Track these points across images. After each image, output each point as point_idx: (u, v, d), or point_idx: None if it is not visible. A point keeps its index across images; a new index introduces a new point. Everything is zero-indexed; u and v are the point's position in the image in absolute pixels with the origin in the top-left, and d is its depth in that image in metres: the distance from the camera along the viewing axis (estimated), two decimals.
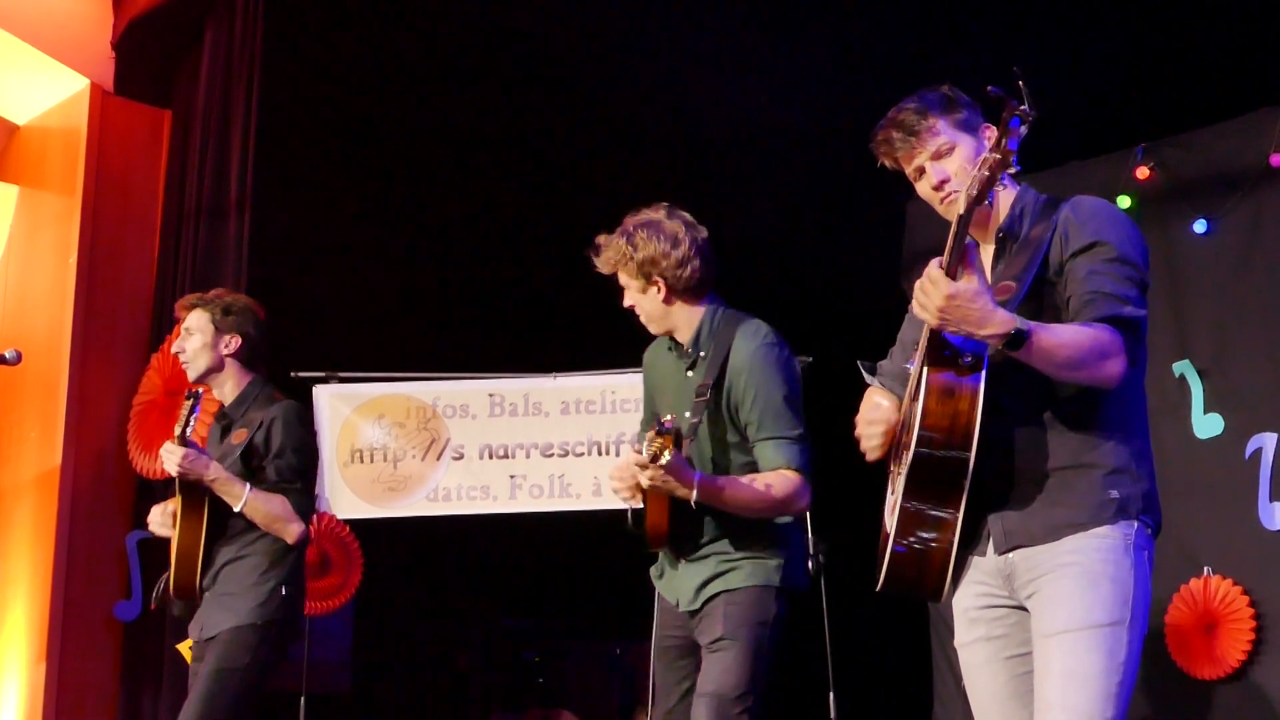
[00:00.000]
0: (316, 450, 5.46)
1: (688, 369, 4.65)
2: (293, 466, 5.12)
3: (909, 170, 3.53)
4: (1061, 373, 3.22)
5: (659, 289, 4.69)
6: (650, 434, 4.21)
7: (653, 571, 4.84)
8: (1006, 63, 3.15)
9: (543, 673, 8.78)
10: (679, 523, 4.50)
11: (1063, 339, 3.18)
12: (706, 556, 4.54)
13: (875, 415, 3.51)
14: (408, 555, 7.69)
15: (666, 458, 4.18)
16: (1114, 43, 6.39)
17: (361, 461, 7.27)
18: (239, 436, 5.13)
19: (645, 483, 4.30)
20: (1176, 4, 6.10)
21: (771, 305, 5.31)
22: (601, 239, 4.70)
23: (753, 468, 4.46)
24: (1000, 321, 3.10)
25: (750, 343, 4.50)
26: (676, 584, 4.65)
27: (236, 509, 5.00)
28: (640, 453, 4.24)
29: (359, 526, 7.18)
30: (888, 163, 3.57)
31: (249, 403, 5.23)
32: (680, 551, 4.60)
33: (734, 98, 7.04)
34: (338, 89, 7.40)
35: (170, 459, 4.92)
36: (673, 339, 4.74)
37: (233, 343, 5.23)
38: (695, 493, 4.30)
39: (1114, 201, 6.38)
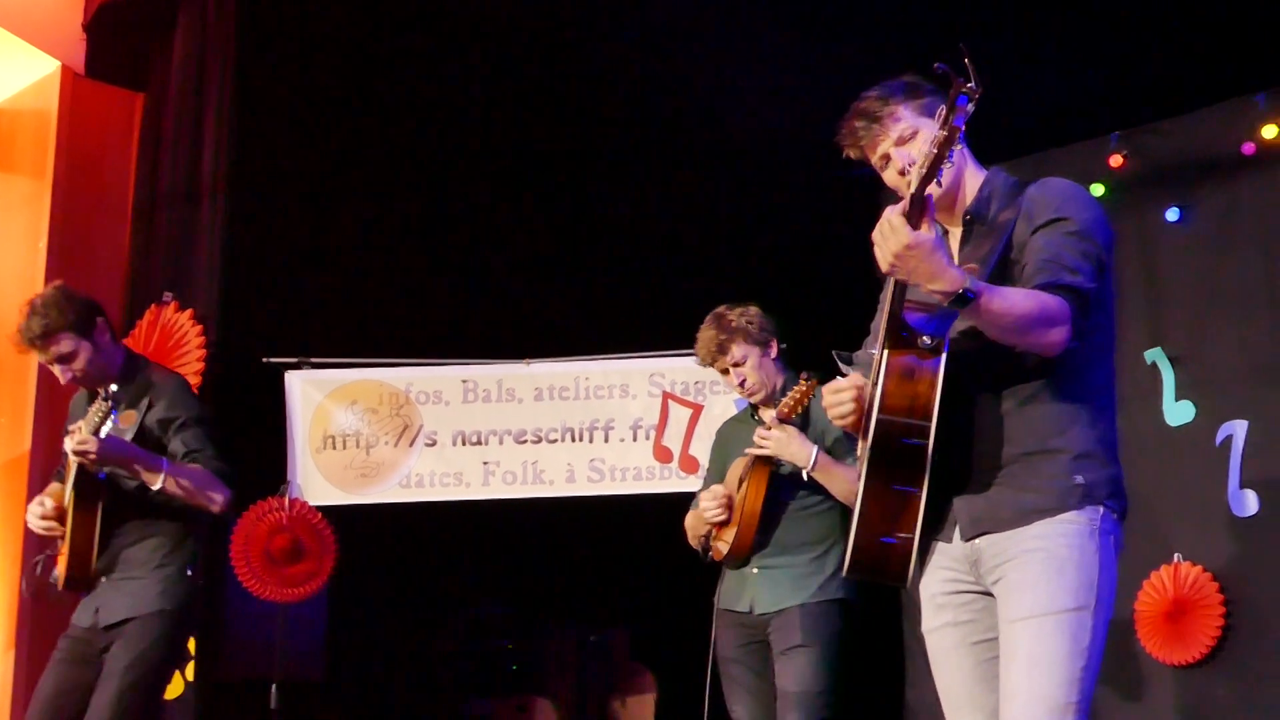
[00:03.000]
0: (215, 416, 5.30)
1: None
2: (198, 435, 4.97)
3: (874, 159, 3.53)
4: (1006, 336, 3.22)
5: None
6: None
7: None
8: (981, 51, 3.14)
9: (517, 660, 8.77)
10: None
11: (1010, 302, 3.18)
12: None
13: (838, 384, 3.49)
14: (381, 542, 7.67)
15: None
16: (1089, 30, 6.39)
17: (334, 448, 7.25)
18: (128, 419, 4.95)
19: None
20: None
21: (749, 295, 5.33)
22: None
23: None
24: (951, 279, 3.10)
25: None
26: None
27: (155, 487, 4.85)
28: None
29: (332, 513, 7.15)
30: (853, 153, 3.58)
31: (129, 380, 5.02)
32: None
33: (709, 85, 7.03)
34: (313, 72, 7.37)
35: (84, 447, 4.72)
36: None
37: (102, 334, 5.06)
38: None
39: (1088, 189, 6.43)
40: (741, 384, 5.19)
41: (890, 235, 3.10)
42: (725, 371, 5.22)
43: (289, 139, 7.40)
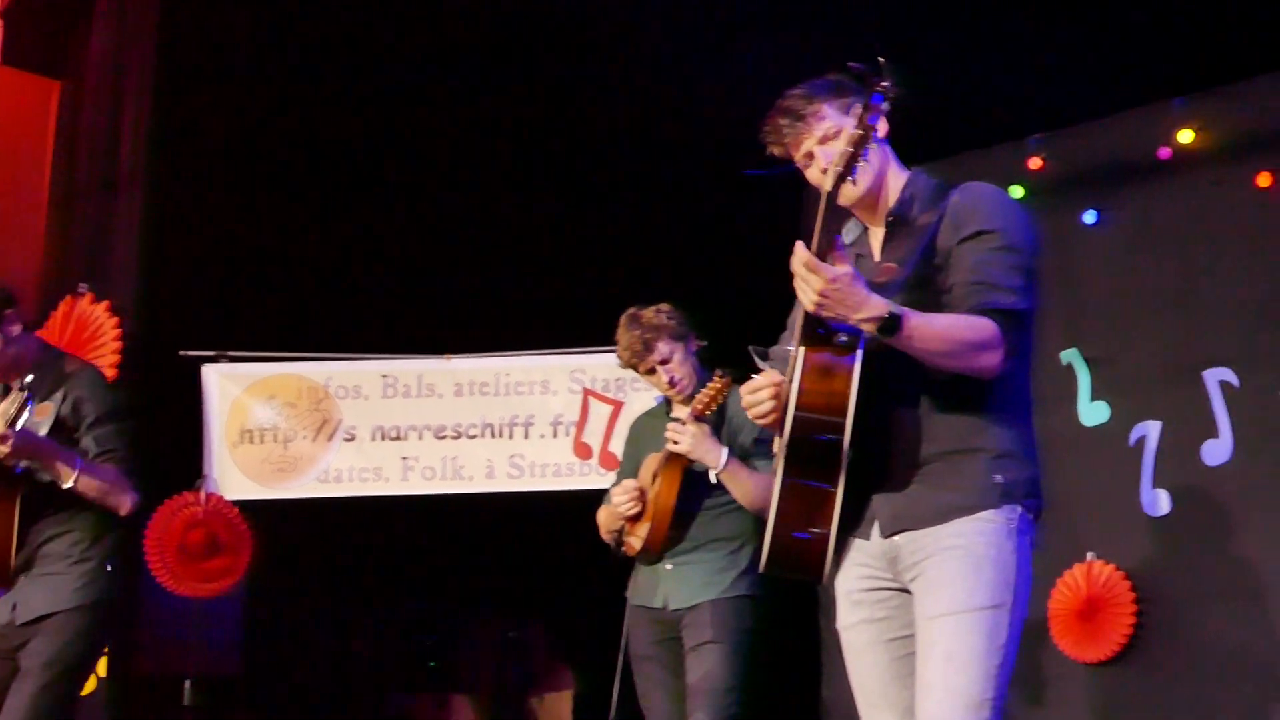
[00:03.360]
0: (131, 408, 5.17)
1: None
2: (111, 433, 4.85)
3: (798, 157, 3.54)
4: (936, 360, 3.25)
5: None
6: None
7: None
8: (904, 52, 3.17)
9: (436, 655, 8.75)
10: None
11: (937, 328, 3.22)
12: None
13: (757, 383, 3.48)
14: (299, 537, 7.62)
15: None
16: (1008, 33, 6.43)
17: (251, 442, 7.20)
18: (43, 411, 4.81)
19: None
20: None
21: (667, 291, 5.33)
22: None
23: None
24: (874, 306, 3.13)
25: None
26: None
27: (66, 485, 4.72)
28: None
29: (249, 508, 7.10)
30: (777, 151, 3.58)
31: (42, 372, 4.84)
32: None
33: (626, 83, 7.02)
34: (234, 63, 7.30)
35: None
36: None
37: (12, 324, 4.90)
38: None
39: (1007, 190, 6.48)
40: (670, 382, 5.15)
41: (809, 276, 3.13)
42: (651, 371, 5.18)
43: (209, 130, 7.33)
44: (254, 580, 7.20)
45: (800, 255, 3.14)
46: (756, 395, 3.47)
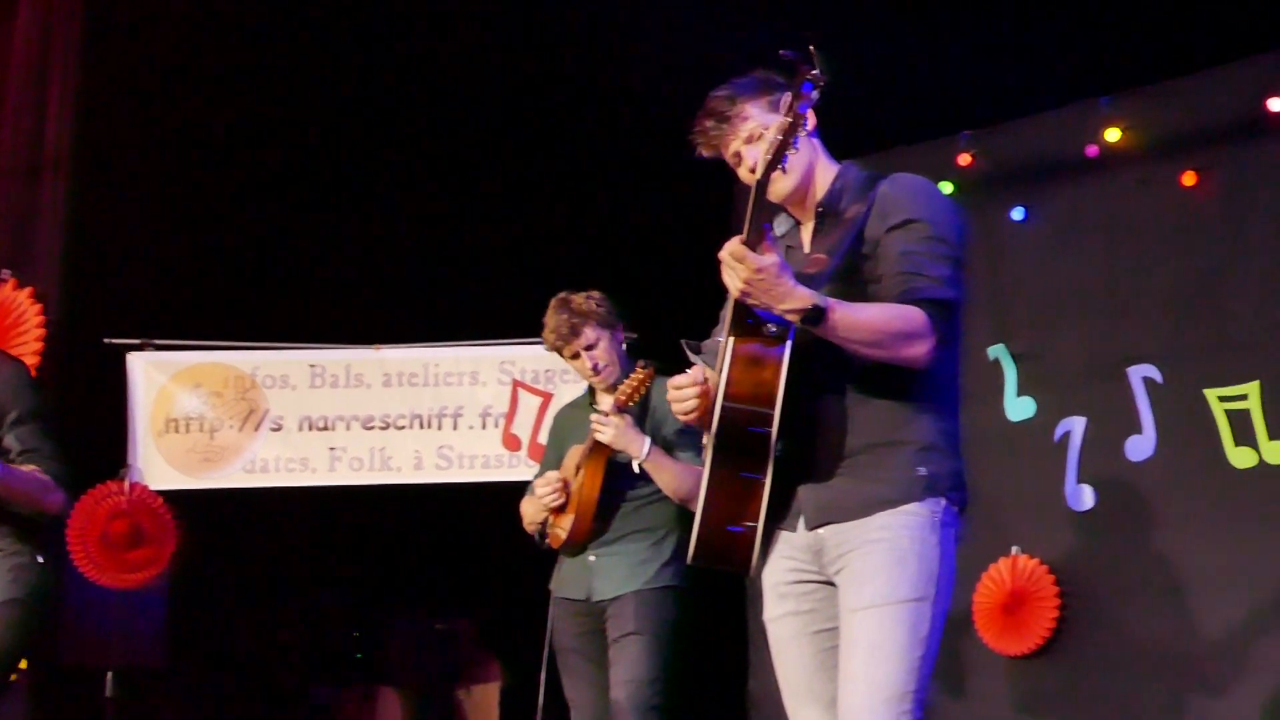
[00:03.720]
0: (55, 407, 5.07)
1: None
2: (35, 431, 4.68)
3: (727, 157, 3.55)
4: (864, 350, 3.26)
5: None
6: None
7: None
8: (833, 47, 3.17)
9: (363, 648, 8.71)
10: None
11: (864, 318, 3.23)
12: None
13: (681, 380, 3.49)
14: (224, 527, 7.57)
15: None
16: (939, 29, 6.47)
17: (177, 431, 7.14)
18: None
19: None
20: None
21: (598, 283, 5.33)
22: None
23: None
24: (800, 297, 3.14)
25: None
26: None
27: None
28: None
29: (174, 498, 7.04)
30: (707, 152, 3.59)
31: None
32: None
33: (556, 72, 7.01)
34: (160, 46, 7.23)
35: None
36: None
37: None
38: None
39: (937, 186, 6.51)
40: (594, 368, 5.15)
41: (736, 265, 3.14)
42: (575, 356, 5.18)
43: (135, 114, 7.26)
44: (178, 571, 7.14)
45: (729, 245, 3.15)
46: (682, 392, 3.47)
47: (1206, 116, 6.18)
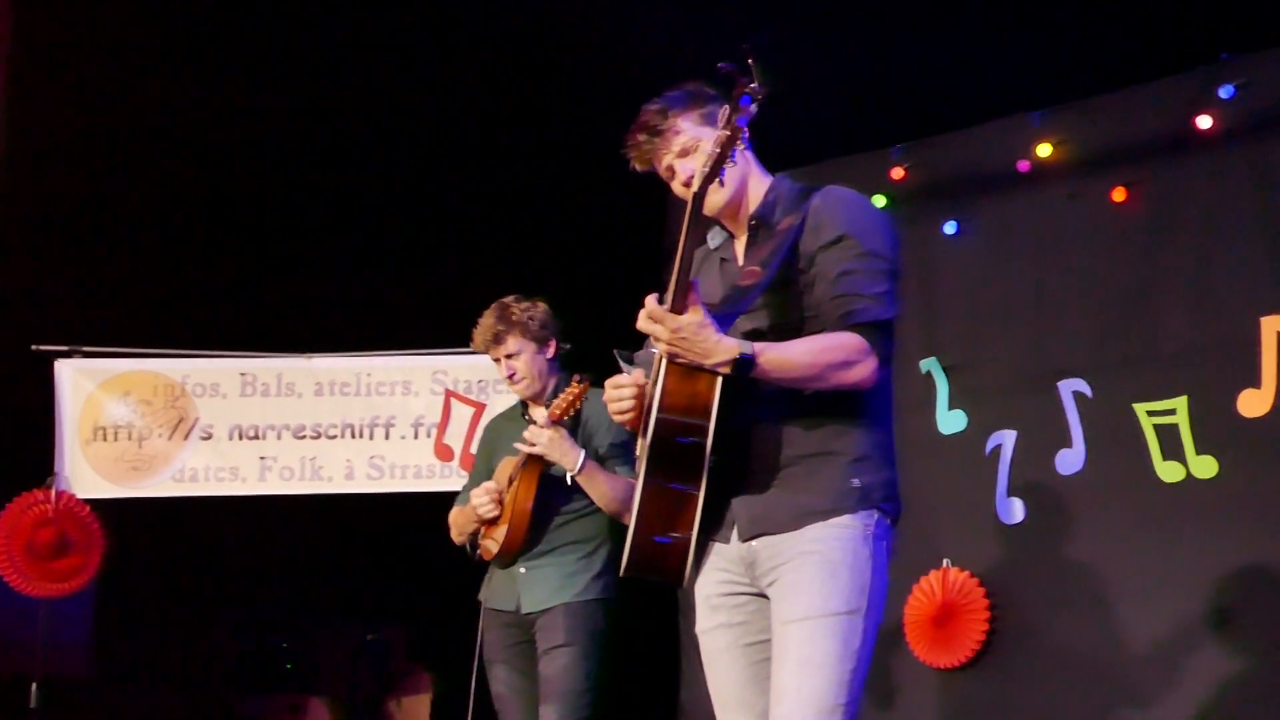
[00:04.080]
0: None
1: None
2: None
3: (660, 170, 3.55)
4: (801, 385, 3.29)
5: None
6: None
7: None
8: (766, 59, 3.17)
9: (291, 658, 8.66)
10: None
11: (794, 357, 3.25)
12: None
13: (619, 380, 3.49)
14: (153, 537, 7.50)
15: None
16: (872, 42, 6.50)
17: (105, 440, 7.08)
18: None
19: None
20: (936, 6, 6.23)
21: (530, 293, 5.32)
22: None
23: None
24: (725, 350, 3.17)
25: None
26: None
27: None
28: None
29: (101, 507, 6.98)
30: (639, 166, 3.59)
31: None
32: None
33: (492, 78, 6.99)
34: (91, 49, 7.15)
35: None
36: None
37: None
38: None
39: (870, 199, 6.54)
40: (510, 376, 5.19)
41: (656, 326, 3.16)
42: (497, 360, 5.22)
43: (64, 118, 7.19)
44: (105, 580, 7.07)
45: (647, 306, 3.18)
46: (618, 392, 3.47)
47: (1136, 132, 6.24)
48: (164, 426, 7.11)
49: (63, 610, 7.07)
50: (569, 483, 5.04)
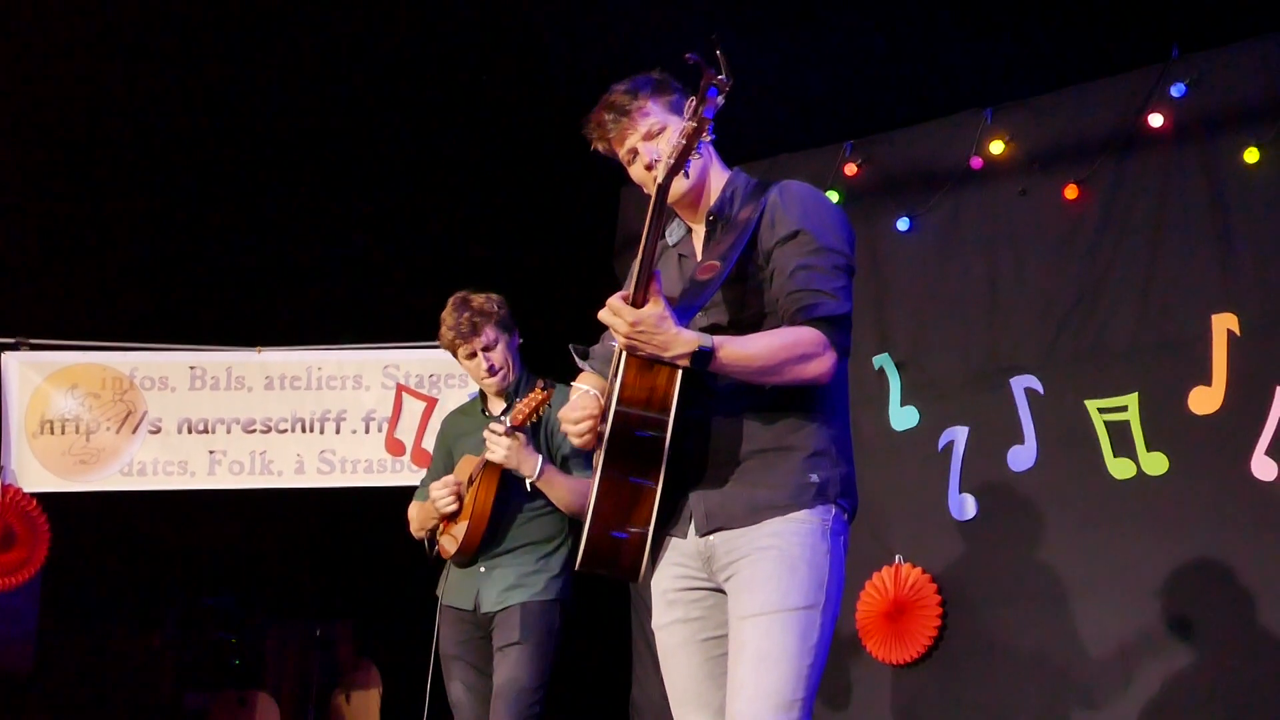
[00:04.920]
0: None
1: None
2: None
3: (622, 153, 3.54)
4: (760, 379, 3.28)
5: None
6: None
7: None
8: (701, 50, 3.16)
9: (239, 653, 8.61)
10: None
11: (753, 350, 3.25)
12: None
13: (578, 407, 3.49)
14: (100, 530, 7.44)
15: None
16: (826, 38, 6.49)
17: (52, 433, 7.01)
18: None
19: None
20: (889, 2, 6.23)
21: (484, 287, 5.29)
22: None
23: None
24: (684, 342, 3.17)
25: None
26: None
27: None
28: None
29: (48, 500, 6.92)
30: (600, 146, 3.59)
31: None
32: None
33: (447, 77, 6.95)
34: (36, 42, 7.08)
35: None
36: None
37: None
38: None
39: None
40: (490, 369, 5.14)
41: (615, 319, 3.15)
42: (472, 356, 5.16)
43: (10, 111, 7.11)
44: (51, 574, 7.01)
45: (609, 301, 3.18)
46: (578, 427, 3.48)
47: (1087, 130, 6.27)
48: (112, 420, 7.05)
49: (7, 605, 7.01)
50: (528, 489, 5.05)
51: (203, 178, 7.50)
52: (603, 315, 3.19)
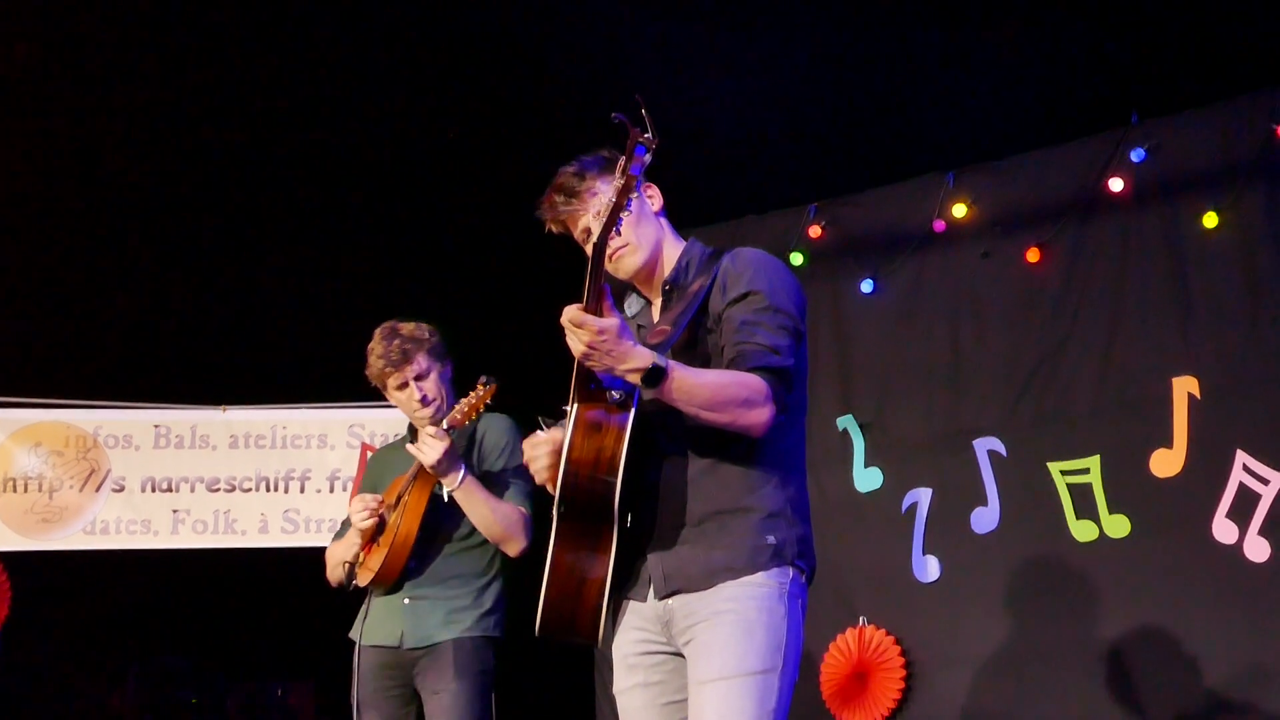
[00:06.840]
0: None
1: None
2: None
3: (576, 233, 3.57)
4: (704, 415, 3.26)
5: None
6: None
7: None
8: (686, 116, 3.19)
9: (200, 713, 8.53)
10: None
11: (703, 380, 3.25)
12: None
13: (537, 439, 3.47)
14: (61, 589, 7.38)
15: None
16: (789, 101, 6.54)
17: (14, 491, 6.99)
18: None
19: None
20: (851, 66, 6.28)
21: (452, 337, 5.25)
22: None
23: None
24: (639, 356, 3.16)
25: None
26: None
27: None
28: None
29: (8, 559, 6.88)
30: (555, 228, 3.61)
31: None
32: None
33: (409, 130, 6.98)
34: (11, 91, 7.07)
35: None
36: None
37: None
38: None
39: (787, 258, 6.59)
40: (423, 399, 4.90)
41: (576, 330, 3.14)
42: (403, 386, 4.92)
43: None
44: (11, 633, 6.96)
45: (567, 311, 3.16)
46: (535, 451, 3.46)
47: (1049, 193, 6.34)
48: (75, 478, 7.02)
49: None
50: (445, 498, 4.79)
51: (168, 237, 7.50)
52: (564, 317, 3.15)
